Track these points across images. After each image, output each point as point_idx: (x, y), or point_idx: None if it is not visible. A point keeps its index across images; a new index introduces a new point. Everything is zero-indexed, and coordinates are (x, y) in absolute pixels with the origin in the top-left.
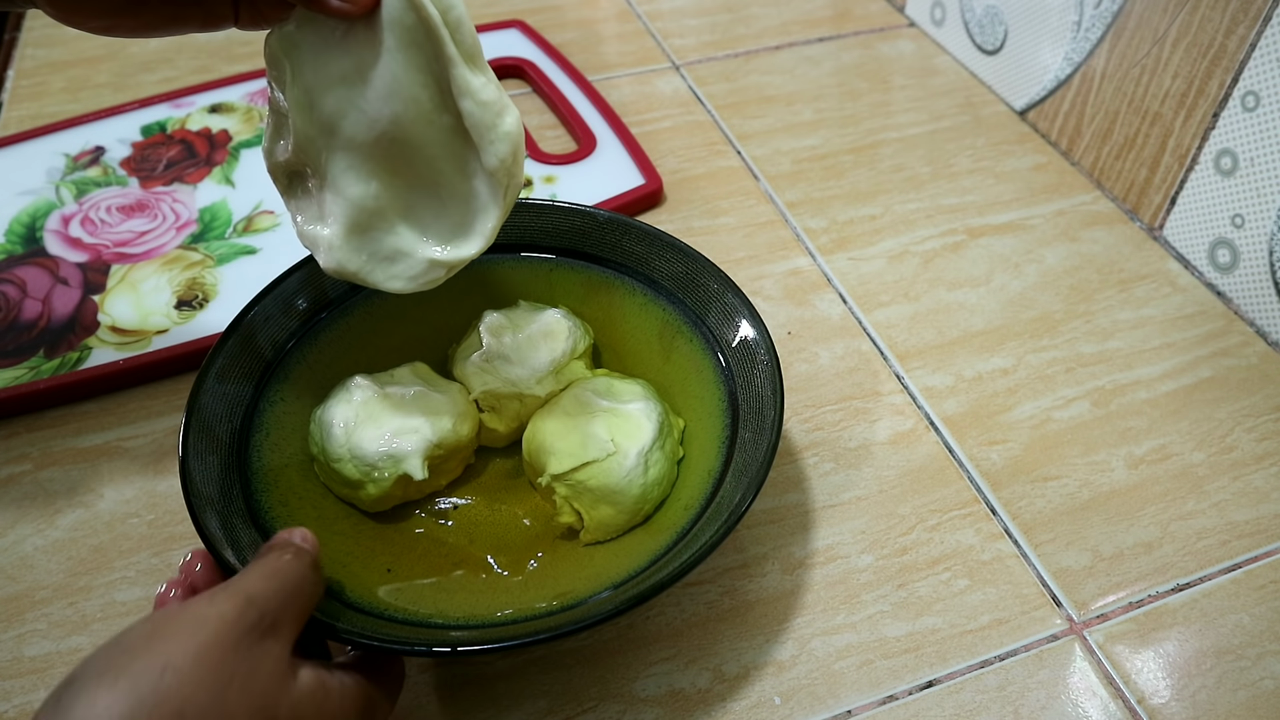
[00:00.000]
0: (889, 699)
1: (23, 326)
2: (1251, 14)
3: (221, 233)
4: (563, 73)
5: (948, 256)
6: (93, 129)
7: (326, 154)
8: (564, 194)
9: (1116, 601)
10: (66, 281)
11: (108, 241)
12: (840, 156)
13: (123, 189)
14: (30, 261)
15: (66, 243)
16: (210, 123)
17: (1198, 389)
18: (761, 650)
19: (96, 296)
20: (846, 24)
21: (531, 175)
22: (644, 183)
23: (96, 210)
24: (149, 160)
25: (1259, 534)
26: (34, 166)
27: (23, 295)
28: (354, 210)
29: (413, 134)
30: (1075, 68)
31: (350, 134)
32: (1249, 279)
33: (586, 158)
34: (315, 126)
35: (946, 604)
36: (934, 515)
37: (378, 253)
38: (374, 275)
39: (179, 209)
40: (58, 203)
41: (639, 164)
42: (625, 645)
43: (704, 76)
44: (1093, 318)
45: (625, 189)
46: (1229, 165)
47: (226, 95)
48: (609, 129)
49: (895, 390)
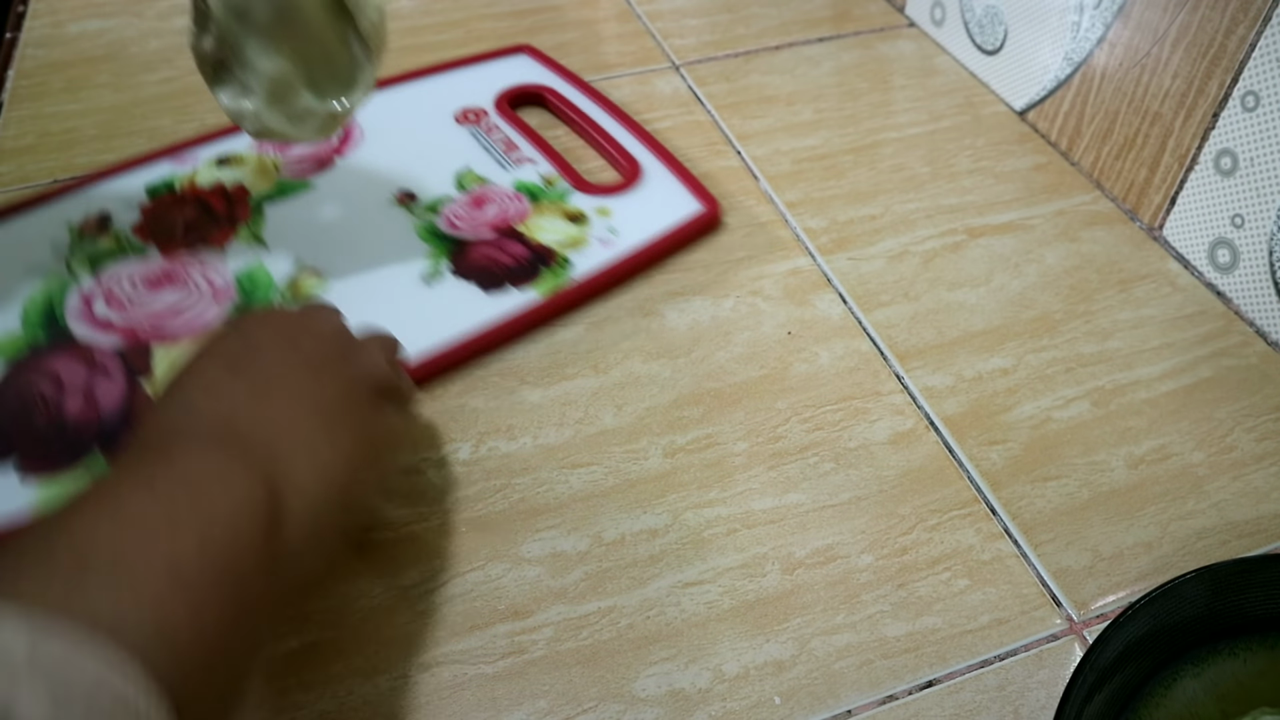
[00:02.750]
0: (889, 699)
1: (70, 427)
2: (1251, 14)
3: (266, 299)
4: (586, 97)
5: (948, 256)
6: (92, 194)
7: (241, 39)
8: (622, 228)
9: (1116, 601)
10: (106, 370)
11: (142, 320)
12: (840, 156)
13: (142, 259)
14: (60, 351)
15: (95, 325)
16: (222, 177)
17: (1197, 389)
18: (761, 650)
19: (145, 382)
20: (846, 24)
21: (583, 209)
22: (702, 209)
23: (119, 285)
24: (164, 224)
25: (1259, 534)
26: (35, 241)
27: (60, 391)
28: (269, 83)
29: (304, 12)
30: (1075, 68)
31: (257, 18)
32: (1249, 279)
33: (634, 186)
34: (230, 16)
35: (946, 604)
36: (934, 515)
37: (292, 114)
38: (291, 132)
39: (212, 277)
40: (72, 280)
41: (691, 187)
42: (625, 645)
43: (704, 76)
44: (1093, 318)
45: (684, 216)
46: (1229, 165)
47: (231, 145)
48: (649, 152)
49: (895, 390)
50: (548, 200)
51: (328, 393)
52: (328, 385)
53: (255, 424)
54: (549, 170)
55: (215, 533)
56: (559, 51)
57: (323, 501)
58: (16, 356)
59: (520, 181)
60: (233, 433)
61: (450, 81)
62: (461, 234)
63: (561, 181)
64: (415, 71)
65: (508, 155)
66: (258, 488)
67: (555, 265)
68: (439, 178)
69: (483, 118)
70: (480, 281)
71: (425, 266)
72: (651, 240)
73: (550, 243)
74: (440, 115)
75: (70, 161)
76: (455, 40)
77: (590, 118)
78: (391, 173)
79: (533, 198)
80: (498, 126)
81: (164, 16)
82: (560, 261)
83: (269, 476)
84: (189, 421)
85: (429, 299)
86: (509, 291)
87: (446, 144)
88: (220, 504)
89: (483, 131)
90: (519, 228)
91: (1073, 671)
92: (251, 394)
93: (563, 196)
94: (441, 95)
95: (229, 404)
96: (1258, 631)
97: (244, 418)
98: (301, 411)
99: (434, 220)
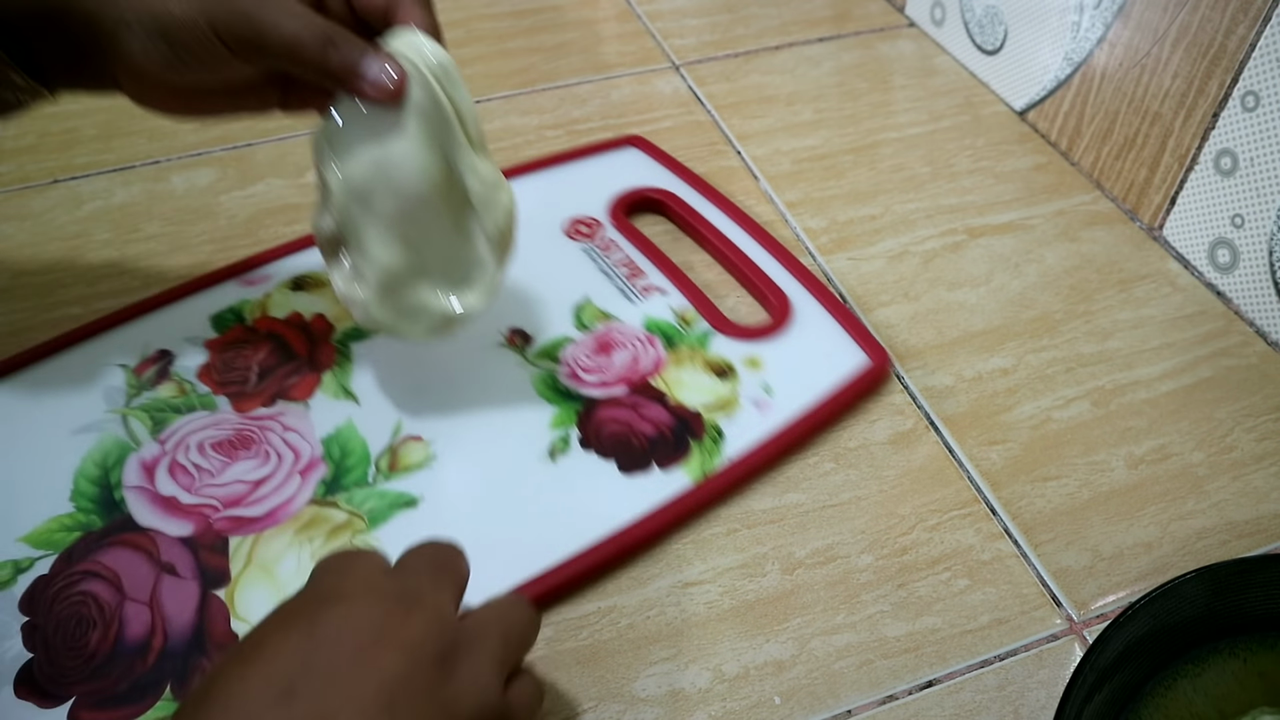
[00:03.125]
0: (889, 699)
1: (131, 650)
2: (1251, 14)
3: (362, 475)
4: (714, 206)
5: (948, 256)
6: (149, 324)
7: (360, 224)
8: (776, 383)
9: (1116, 601)
10: (174, 569)
11: (214, 500)
12: (840, 156)
13: (212, 415)
14: (117, 541)
15: (159, 506)
16: (298, 305)
17: (1197, 389)
18: (761, 650)
19: (221, 591)
20: (846, 24)
21: (730, 359)
22: (868, 362)
23: (186, 451)
24: (234, 369)
25: (1259, 534)
26: (87, 388)
27: (120, 597)
28: (383, 274)
29: (429, 205)
30: (1075, 68)
31: (379, 207)
32: (1249, 279)
33: (785, 328)
34: (352, 201)
35: (946, 604)
36: (934, 515)
37: (403, 309)
38: (401, 328)
39: (295, 441)
40: (131, 443)
41: (853, 332)
42: (625, 645)
43: (704, 76)
44: (1093, 318)
45: (847, 373)
46: (1229, 165)
47: (306, 263)
48: (797, 282)
49: (895, 390)
50: (686, 346)
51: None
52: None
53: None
54: (682, 304)
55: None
56: (559, 51)
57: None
58: (68, 546)
59: (651, 319)
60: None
61: (553, 181)
62: (588, 390)
63: (700, 320)
64: (514, 168)
65: (632, 283)
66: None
67: (706, 438)
68: (555, 312)
69: (597, 231)
70: (618, 459)
71: (550, 437)
72: (814, 405)
73: (696, 405)
74: (548, 227)
75: (70, 162)
76: (455, 40)
77: (721, 233)
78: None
79: (668, 342)
80: (615, 243)
81: None
82: (711, 433)
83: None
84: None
85: (555, 481)
86: (653, 473)
87: (559, 266)
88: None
89: (599, 249)
90: (655, 383)
91: (1073, 671)
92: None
93: (703, 341)
94: (546, 199)
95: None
96: (1257, 631)
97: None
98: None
99: (554, 371)
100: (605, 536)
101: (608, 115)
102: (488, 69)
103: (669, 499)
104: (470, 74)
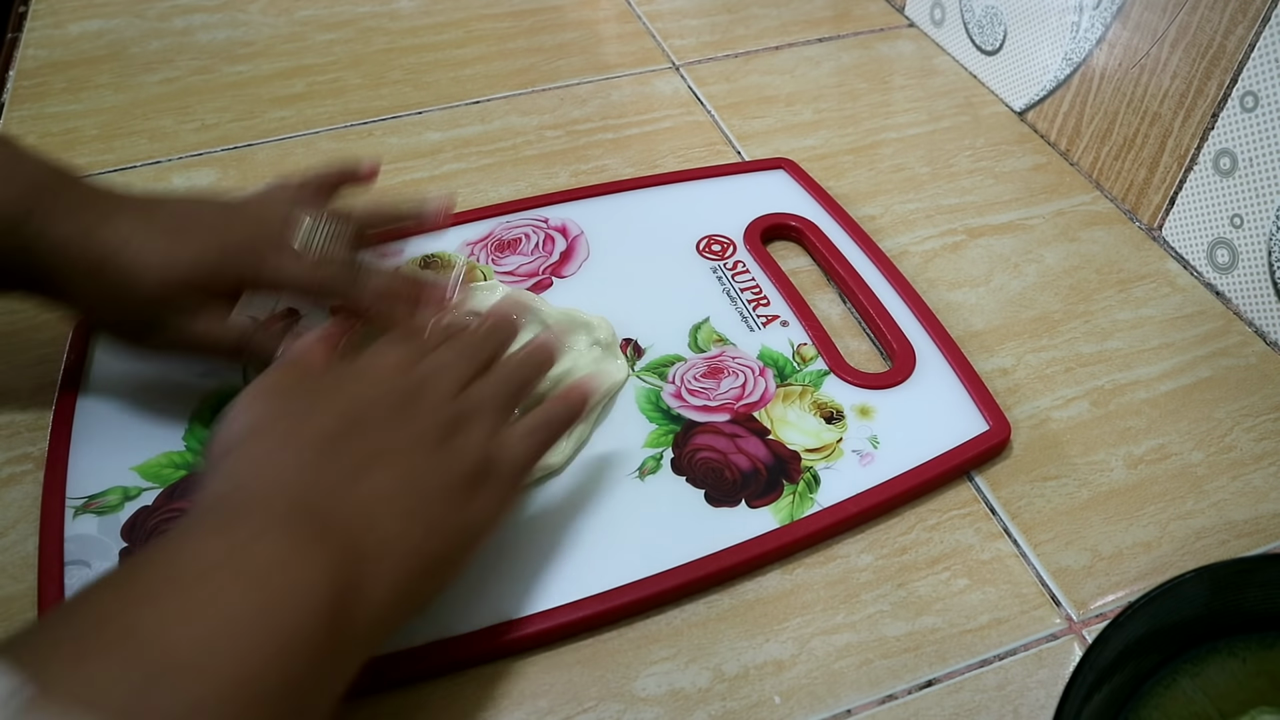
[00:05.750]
0: (888, 698)
1: None
2: (1250, 14)
3: None
4: (854, 242)
5: (948, 256)
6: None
7: None
8: (884, 436)
9: (1115, 601)
10: None
11: None
12: (840, 157)
13: None
14: None
15: None
16: None
17: (1197, 389)
18: (761, 650)
19: None
20: (846, 24)
21: (841, 403)
22: (988, 429)
23: None
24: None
25: (1258, 534)
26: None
27: None
28: None
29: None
30: (1074, 68)
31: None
32: (1248, 279)
33: (905, 382)
34: None
35: (946, 603)
36: (934, 515)
37: None
38: None
39: None
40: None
41: (977, 397)
42: (625, 645)
43: (704, 77)
44: (1092, 318)
45: (962, 438)
46: (1228, 165)
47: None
48: (927, 335)
49: None
50: (798, 382)
51: (430, 481)
52: (431, 472)
53: (339, 505)
54: (802, 338)
55: (272, 623)
56: (559, 52)
57: (403, 592)
58: (173, 483)
59: (767, 349)
60: (311, 514)
61: (696, 196)
62: (690, 413)
63: (818, 359)
64: (657, 177)
65: (754, 310)
66: (323, 582)
67: (801, 482)
68: (672, 328)
69: (729, 251)
70: (707, 489)
71: (643, 456)
72: (919, 466)
73: (797, 446)
74: (681, 242)
75: (71, 162)
76: (455, 40)
77: (857, 271)
78: (615, 308)
79: (780, 375)
80: (745, 266)
81: (164, 17)
82: (808, 478)
83: (343, 566)
84: (264, 496)
85: (641, 502)
86: (739, 510)
87: (684, 282)
88: (281, 596)
89: (728, 271)
90: (760, 416)
91: (1072, 671)
92: (342, 475)
93: (817, 381)
94: (685, 213)
95: (314, 478)
96: (1256, 631)
97: (329, 499)
98: (397, 499)
99: (660, 390)
100: (678, 566)
101: (608, 115)
102: (488, 69)
103: (750, 539)
104: (470, 74)
